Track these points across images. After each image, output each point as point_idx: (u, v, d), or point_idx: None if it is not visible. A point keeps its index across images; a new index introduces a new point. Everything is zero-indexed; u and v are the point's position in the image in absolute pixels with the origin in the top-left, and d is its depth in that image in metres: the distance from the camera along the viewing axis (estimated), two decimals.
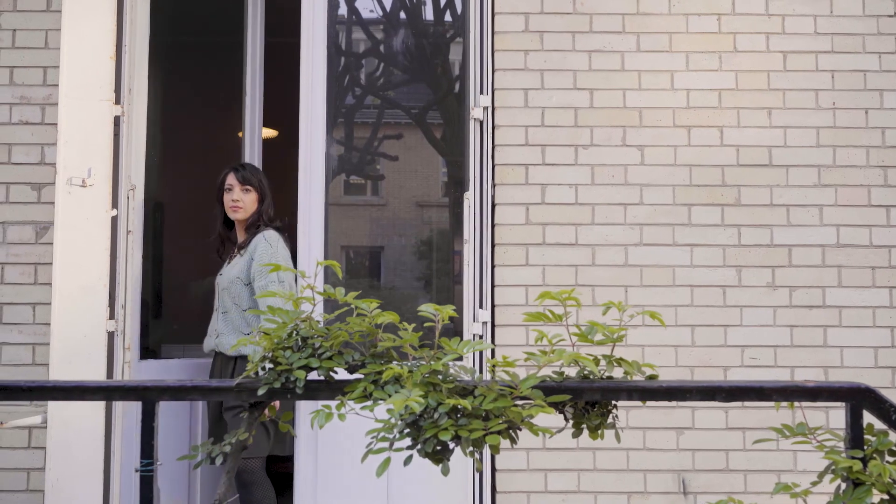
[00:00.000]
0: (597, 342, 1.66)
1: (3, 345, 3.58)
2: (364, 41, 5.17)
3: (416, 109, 5.57)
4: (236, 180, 3.67)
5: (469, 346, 1.56)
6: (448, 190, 5.67)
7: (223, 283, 3.60)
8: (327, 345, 1.63)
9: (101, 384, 1.59)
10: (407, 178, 6.08)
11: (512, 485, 3.51)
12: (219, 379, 3.39)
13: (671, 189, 3.64)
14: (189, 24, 4.85)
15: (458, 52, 5.30)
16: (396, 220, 5.40)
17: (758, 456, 3.54)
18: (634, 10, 3.71)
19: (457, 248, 5.22)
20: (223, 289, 3.59)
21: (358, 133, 5.16)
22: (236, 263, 3.58)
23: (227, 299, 3.57)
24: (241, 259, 3.57)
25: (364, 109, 5.21)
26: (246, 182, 3.66)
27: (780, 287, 3.61)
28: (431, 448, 1.50)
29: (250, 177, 3.68)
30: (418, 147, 6.05)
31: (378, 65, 5.43)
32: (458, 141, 5.40)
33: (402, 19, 5.27)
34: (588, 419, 1.70)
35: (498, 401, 1.52)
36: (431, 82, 5.51)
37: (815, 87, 3.68)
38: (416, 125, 5.56)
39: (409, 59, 5.36)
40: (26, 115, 3.67)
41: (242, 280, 3.52)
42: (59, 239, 3.52)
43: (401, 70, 5.47)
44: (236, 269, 3.56)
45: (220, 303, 3.61)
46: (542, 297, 1.68)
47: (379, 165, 5.72)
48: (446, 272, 5.15)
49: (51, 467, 3.44)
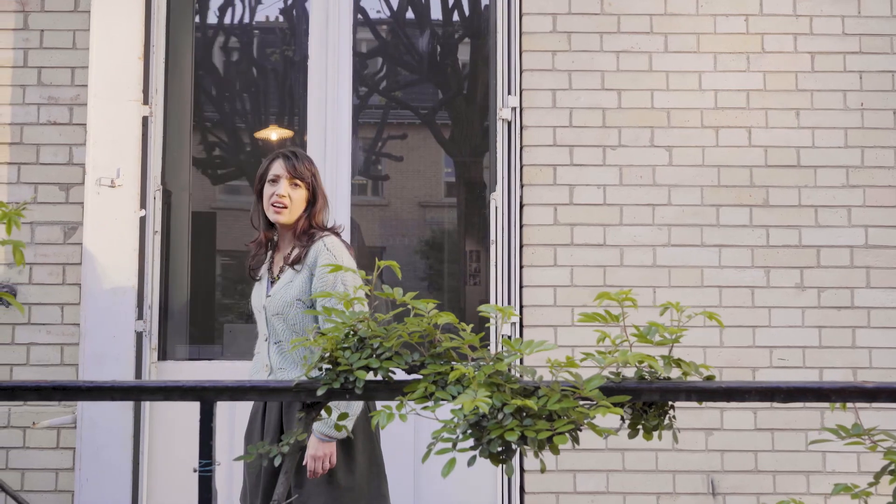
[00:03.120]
0: (656, 343, 1.66)
1: (31, 345, 3.58)
2: (368, 41, 5.18)
3: (425, 110, 5.58)
4: (285, 170, 2.82)
5: (532, 346, 1.55)
6: (456, 190, 5.67)
7: (274, 306, 2.76)
8: (387, 345, 1.62)
9: (160, 384, 1.59)
10: (410, 178, 6.09)
11: (540, 485, 3.50)
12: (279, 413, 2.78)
13: (699, 190, 3.63)
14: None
15: (465, 53, 5.31)
16: (399, 220, 5.41)
17: (786, 457, 3.54)
18: (662, 10, 3.70)
19: (468, 248, 5.23)
20: (274, 314, 2.76)
21: (363, 133, 5.18)
22: (292, 282, 2.74)
23: (282, 326, 2.75)
24: (299, 276, 2.74)
25: (368, 110, 5.22)
26: (297, 175, 2.81)
27: (808, 288, 3.61)
28: (496, 448, 1.50)
29: (303, 169, 2.83)
30: (421, 147, 6.06)
31: (383, 65, 5.44)
32: (467, 141, 5.41)
33: (410, 20, 5.28)
34: (646, 420, 1.69)
35: (562, 401, 1.51)
36: (440, 83, 5.52)
37: (844, 87, 3.68)
38: (425, 125, 5.57)
39: (416, 60, 5.37)
40: (54, 116, 3.68)
41: (304, 302, 2.72)
42: (88, 239, 3.53)
43: (408, 70, 5.47)
44: (294, 289, 2.72)
45: (271, 331, 2.79)
46: (600, 297, 1.68)
47: (381, 166, 5.74)
48: (456, 273, 5.15)
49: (80, 468, 3.45)
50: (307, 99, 3.88)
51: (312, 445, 2.63)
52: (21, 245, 1.70)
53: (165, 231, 3.81)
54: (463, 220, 5.46)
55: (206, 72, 5.15)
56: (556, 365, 1.66)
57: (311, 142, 3.83)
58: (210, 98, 5.18)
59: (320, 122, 3.83)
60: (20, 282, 3.58)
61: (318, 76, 3.85)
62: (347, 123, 3.83)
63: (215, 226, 5.24)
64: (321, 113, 3.83)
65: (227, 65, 5.23)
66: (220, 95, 5.26)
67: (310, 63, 3.88)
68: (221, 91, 5.27)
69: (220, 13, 4.93)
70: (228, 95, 5.28)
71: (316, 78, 3.86)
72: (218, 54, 5.18)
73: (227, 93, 5.28)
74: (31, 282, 3.60)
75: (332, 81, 3.83)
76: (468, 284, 5.08)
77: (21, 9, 3.70)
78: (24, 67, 3.69)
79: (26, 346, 3.58)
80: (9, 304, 3.57)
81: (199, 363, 4.03)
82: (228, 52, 5.25)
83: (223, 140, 5.31)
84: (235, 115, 5.36)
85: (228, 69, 5.22)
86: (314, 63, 3.86)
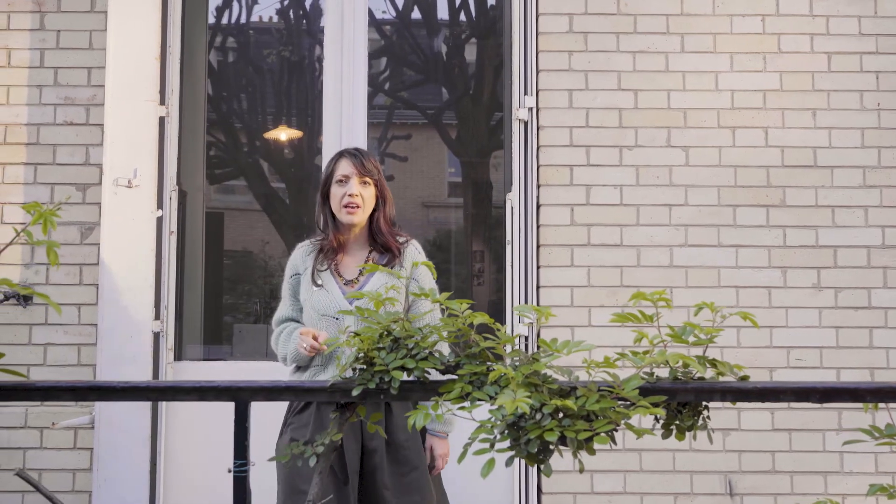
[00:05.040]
0: (691, 343, 1.66)
1: (48, 345, 3.58)
2: (373, 40, 5.18)
3: (432, 110, 5.58)
4: (354, 169, 2.71)
5: (570, 346, 1.55)
6: (463, 190, 5.68)
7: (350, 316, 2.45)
8: (423, 345, 1.62)
9: (195, 384, 1.59)
10: (414, 178, 6.09)
11: (558, 486, 3.50)
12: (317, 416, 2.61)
13: (716, 190, 3.63)
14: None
15: (472, 53, 5.31)
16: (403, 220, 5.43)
17: (804, 457, 3.54)
18: (678, 10, 3.70)
19: (474, 248, 5.22)
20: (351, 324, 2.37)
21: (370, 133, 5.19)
22: (386, 283, 2.55)
23: None
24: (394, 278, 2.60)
25: (373, 110, 5.22)
26: (366, 173, 2.71)
27: (825, 288, 3.60)
28: (534, 449, 1.50)
29: (371, 166, 2.73)
30: (425, 147, 6.07)
31: (389, 65, 5.44)
32: (473, 141, 5.41)
33: (416, 20, 5.28)
34: (681, 420, 1.69)
35: (601, 402, 1.51)
36: (447, 83, 5.52)
37: (860, 88, 3.68)
38: (430, 126, 5.57)
39: (422, 60, 5.37)
40: (70, 116, 3.68)
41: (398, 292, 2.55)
42: (106, 240, 3.53)
43: (414, 71, 5.47)
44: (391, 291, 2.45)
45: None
46: (635, 297, 1.68)
47: (384, 165, 5.75)
48: (462, 273, 5.15)
49: (98, 468, 3.45)
50: (322, 99, 3.87)
51: (439, 446, 2.70)
52: (56, 245, 1.69)
53: (180, 231, 3.81)
54: (469, 220, 5.46)
55: (220, 72, 5.15)
56: (593, 365, 1.65)
57: (326, 142, 3.82)
58: (222, 98, 5.18)
59: (335, 122, 3.83)
60: (37, 282, 3.58)
61: (333, 76, 3.85)
62: (363, 123, 3.82)
63: (223, 226, 5.25)
64: (336, 113, 3.83)
65: (238, 65, 5.23)
66: (231, 95, 5.27)
67: (325, 63, 3.88)
68: (234, 91, 5.27)
69: (232, 13, 4.93)
70: (241, 95, 5.28)
71: (331, 78, 3.85)
72: (230, 54, 5.19)
73: (239, 93, 5.28)
74: (47, 282, 3.61)
75: (348, 81, 3.82)
76: (474, 284, 5.08)
77: (37, 9, 3.71)
78: (40, 68, 3.69)
79: (43, 347, 3.58)
80: (26, 305, 3.57)
81: (214, 363, 4.04)
82: (240, 53, 5.25)
83: (235, 140, 5.31)
84: (246, 115, 5.36)
85: (240, 69, 5.23)
86: (329, 63, 3.86)
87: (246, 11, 4.97)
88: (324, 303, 2.66)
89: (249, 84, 5.29)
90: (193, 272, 4.16)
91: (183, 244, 3.88)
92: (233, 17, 4.99)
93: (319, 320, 2.65)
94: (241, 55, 5.25)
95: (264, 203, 5.34)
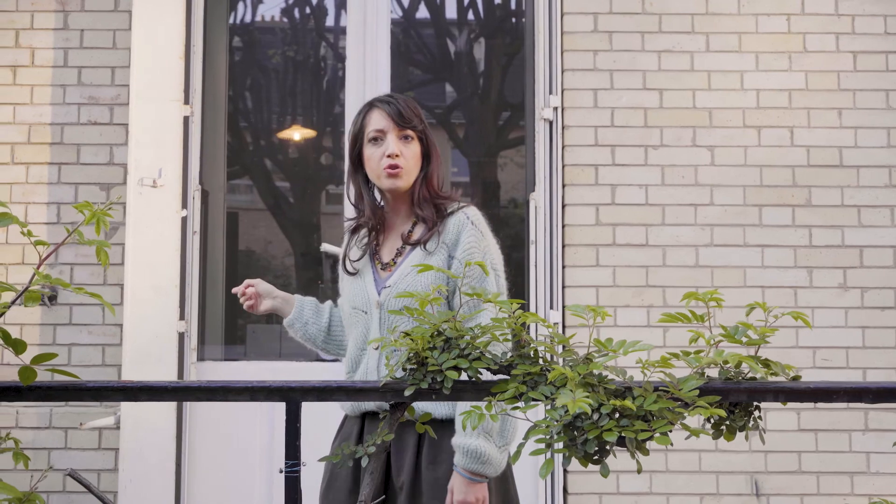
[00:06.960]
0: (745, 343, 1.65)
1: (72, 345, 3.58)
2: None
3: (440, 110, 5.57)
4: (390, 120, 2.14)
5: (626, 346, 1.54)
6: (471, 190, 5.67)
7: (392, 300, 2.11)
8: (476, 345, 1.62)
9: (246, 384, 1.59)
10: None
11: (583, 486, 3.49)
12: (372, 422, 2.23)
13: (742, 190, 3.62)
14: None
15: (480, 52, 5.30)
16: None
17: (830, 458, 3.52)
18: (704, 10, 3.69)
19: None
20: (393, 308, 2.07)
21: None
22: (420, 266, 1.69)
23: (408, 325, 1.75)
24: (433, 258, 2.09)
25: None
26: (406, 123, 2.15)
27: (851, 288, 3.59)
28: (592, 449, 1.49)
29: (411, 114, 2.15)
30: None
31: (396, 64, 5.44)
32: (482, 141, 5.40)
33: (424, 19, 5.27)
34: (732, 420, 1.68)
35: (658, 402, 1.50)
36: (454, 82, 5.51)
37: (886, 87, 3.67)
38: (438, 125, 5.56)
39: (429, 59, 5.36)
40: (94, 116, 3.67)
41: (442, 293, 2.01)
42: (131, 239, 3.52)
43: (422, 70, 5.47)
44: (427, 276, 2.03)
45: (384, 333, 2.08)
46: (687, 297, 1.67)
47: None
48: None
49: (124, 469, 3.45)
50: (345, 99, 3.87)
51: (464, 490, 2.08)
52: (106, 245, 1.69)
53: (203, 231, 3.80)
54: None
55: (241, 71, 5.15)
56: (648, 364, 1.65)
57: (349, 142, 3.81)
58: (242, 98, 5.17)
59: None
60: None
61: (356, 76, 3.85)
62: None
63: (238, 225, 5.25)
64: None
65: (260, 64, 5.23)
66: (254, 95, 5.26)
67: (347, 63, 3.87)
68: (254, 90, 5.27)
69: (254, 12, 4.93)
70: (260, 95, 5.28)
71: (353, 77, 3.85)
72: (251, 53, 5.18)
73: (260, 92, 5.28)
74: (72, 282, 3.60)
75: (371, 81, 3.82)
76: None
77: (61, 8, 3.70)
78: (64, 67, 3.69)
79: (68, 347, 3.57)
80: (51, 305, 3.57)
81: (236, 364, 4.04)
82: (261, 52, 5.25)
83: (255, 138, 5.31)
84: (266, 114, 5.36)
85: (262, 69, 5.22)
86: (351, 63, 3.85)
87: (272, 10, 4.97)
88: (353, 295, 2.22)
89: (268, 83, 5.28)
90: (215, 272, 4.15)
91: (206, 244, 3.88)
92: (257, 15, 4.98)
93: (352, 313, 2.23)
94: (260, 54, 5.25)
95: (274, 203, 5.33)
